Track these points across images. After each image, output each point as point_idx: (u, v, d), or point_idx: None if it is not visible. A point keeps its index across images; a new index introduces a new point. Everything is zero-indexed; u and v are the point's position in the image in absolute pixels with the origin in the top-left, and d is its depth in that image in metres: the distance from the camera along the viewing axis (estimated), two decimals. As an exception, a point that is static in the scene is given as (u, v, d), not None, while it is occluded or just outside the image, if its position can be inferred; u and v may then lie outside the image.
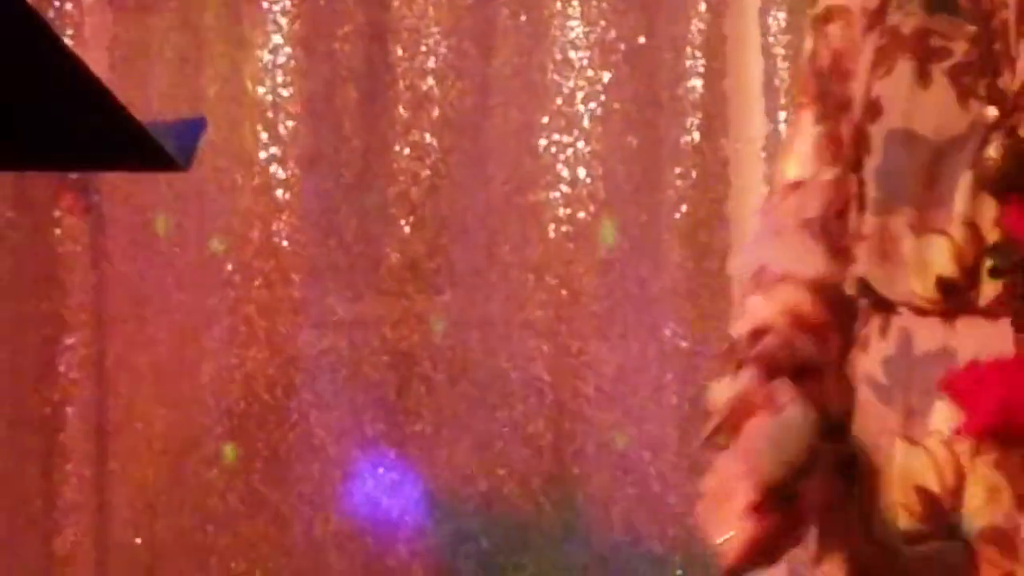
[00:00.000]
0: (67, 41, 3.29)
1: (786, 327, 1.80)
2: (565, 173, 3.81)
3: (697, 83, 3.88)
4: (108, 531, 3.76)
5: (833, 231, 1.85)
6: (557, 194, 3.83)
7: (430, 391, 3.75)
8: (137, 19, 3.80)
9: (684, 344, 3.83)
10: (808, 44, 1.96)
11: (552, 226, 3.85)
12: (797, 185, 1.89)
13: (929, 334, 1.75)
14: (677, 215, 3.83)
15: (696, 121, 3.88)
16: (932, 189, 1.73)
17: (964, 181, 1.71)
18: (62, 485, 3.75)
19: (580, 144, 3.81)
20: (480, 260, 3.83)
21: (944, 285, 1.73)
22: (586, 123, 3.83)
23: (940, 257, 1.73)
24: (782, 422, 1.64)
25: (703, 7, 3.88)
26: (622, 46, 3.84)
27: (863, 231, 1.78)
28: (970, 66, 1.81)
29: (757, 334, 1.79)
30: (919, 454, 1.83)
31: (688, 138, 3.86)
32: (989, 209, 1.73)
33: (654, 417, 3.74)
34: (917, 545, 1.82)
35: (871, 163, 1.78)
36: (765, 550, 1.61)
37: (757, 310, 1.83)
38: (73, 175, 3.56)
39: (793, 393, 1.66)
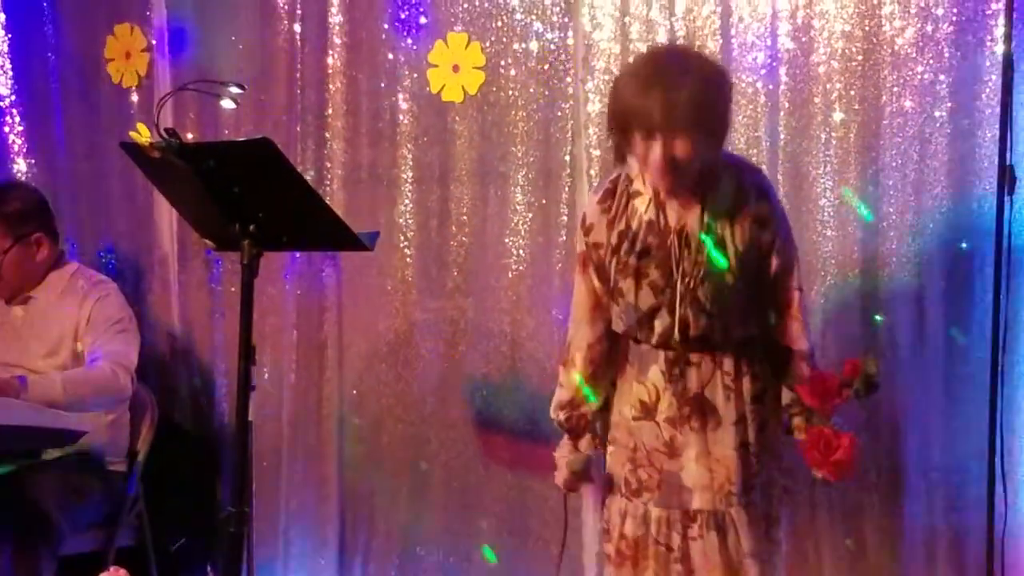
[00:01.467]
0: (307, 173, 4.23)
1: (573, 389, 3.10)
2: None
3: None
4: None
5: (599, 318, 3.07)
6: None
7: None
8: (367, 154, 4.38)
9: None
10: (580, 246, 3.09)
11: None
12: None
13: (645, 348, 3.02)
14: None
15: None
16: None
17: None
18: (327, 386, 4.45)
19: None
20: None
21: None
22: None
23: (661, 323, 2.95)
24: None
25: None
26: None
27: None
28: (655, 283, 2.94)
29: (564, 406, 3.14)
30: (642, 388, 3.04)
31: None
32: None
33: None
34: (639, 421, 3.06)
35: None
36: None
37: (562, 378, 3.14)
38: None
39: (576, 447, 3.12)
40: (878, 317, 3.73)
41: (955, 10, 3.58)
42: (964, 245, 3.61)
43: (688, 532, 3.02)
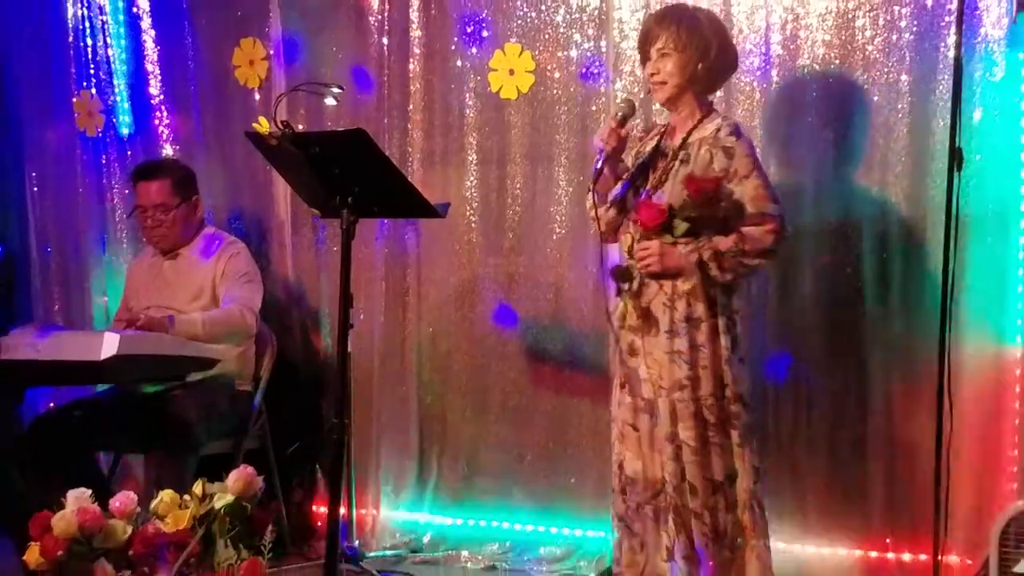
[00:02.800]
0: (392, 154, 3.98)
1: None
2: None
3: None
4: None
5: None
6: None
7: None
8: (440, 142, 4.34)
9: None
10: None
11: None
12: None
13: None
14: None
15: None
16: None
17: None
18: (408, 326, 4.42)
19: None
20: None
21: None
22: None
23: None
24: None
25: None
26: None
27: None
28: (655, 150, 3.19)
29: None
30: (620, 303, 3.21)
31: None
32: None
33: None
34: (621, 329, 3.22)
35: None
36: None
37: None
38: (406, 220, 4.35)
39: None
40: (848, 270, 3.72)
41: (915, 23, 3.59)
42: (921, 212, 3.60)
43: (643, 415, 3.14)
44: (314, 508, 4.54)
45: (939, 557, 3.02)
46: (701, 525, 3.09)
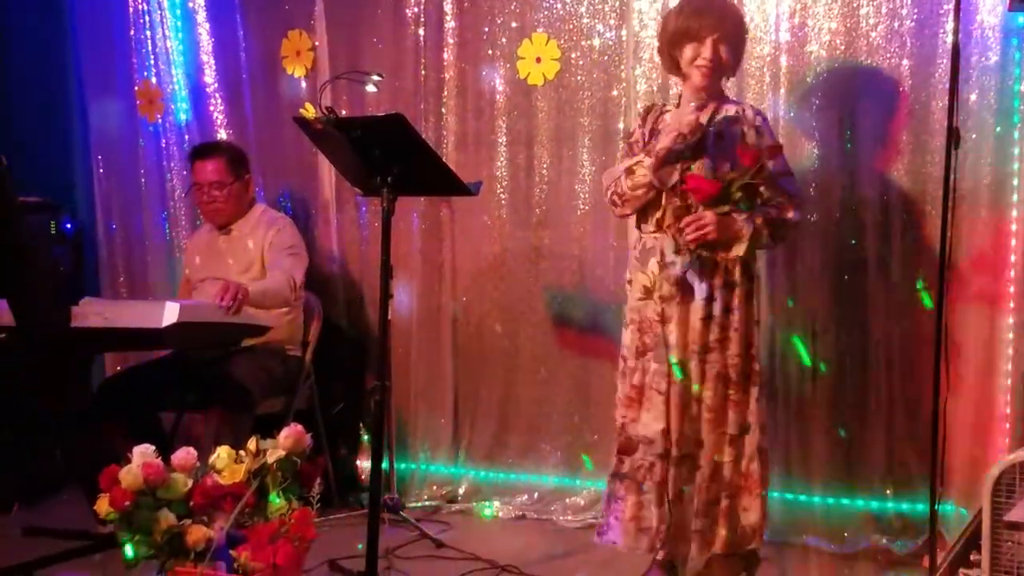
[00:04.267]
0: (429, 137, 4.16)
1: None
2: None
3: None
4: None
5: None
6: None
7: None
8: (473, 125, 4.31)
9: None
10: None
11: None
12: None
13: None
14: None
15: None
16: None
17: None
18: (443, 295, 4.42)
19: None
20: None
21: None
22: None
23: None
24: None
25: None
26: None
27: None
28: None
29: None
30: (644, 275, 3.16)
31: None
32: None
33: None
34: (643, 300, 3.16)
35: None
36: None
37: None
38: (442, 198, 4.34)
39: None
40: (853, 241, 3.71)
41: (916, 11, 3.57)
42: (920, 187, 3.59)
43: (671, 380, 3.10)
44: (358, 463, 4.56)
45: (935, 507, 3.00)
46: (705, 475, 3.12)
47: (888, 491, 3.69)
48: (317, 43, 4.56)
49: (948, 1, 3.41)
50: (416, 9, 4.37)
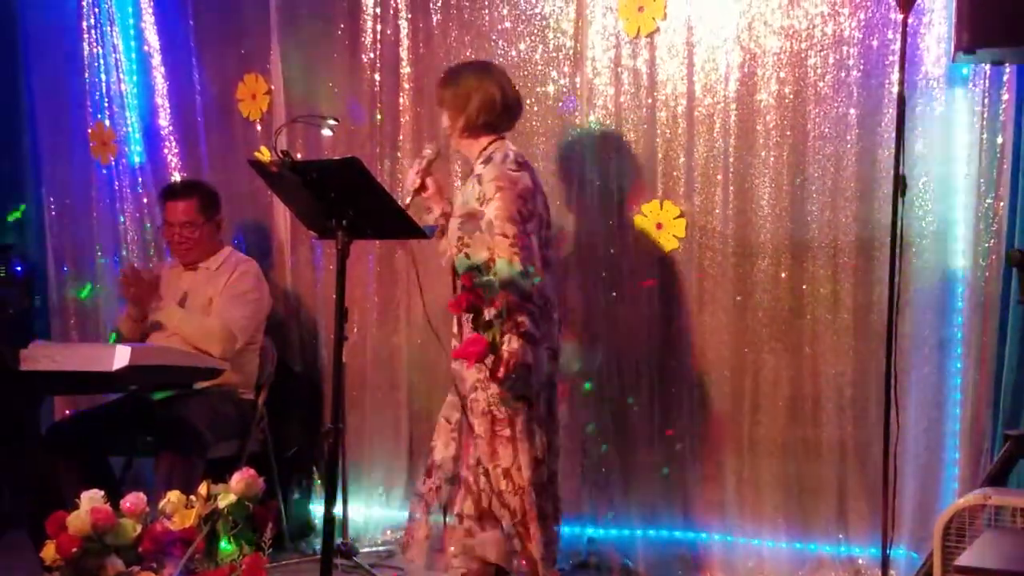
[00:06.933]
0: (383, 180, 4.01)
1: None
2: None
3: None
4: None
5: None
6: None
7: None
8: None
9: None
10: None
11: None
12: None
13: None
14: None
15: None
16: None
17: None
18: (398, 337, 4.42)
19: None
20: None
21: None
22: None
23: None
24: None
25: None
26: None
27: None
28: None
29: None
30: None
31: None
32: None
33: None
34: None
35: None
36: None
37: None
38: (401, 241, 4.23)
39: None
40: (804, 286, 3.73)
41: (862, 61, 3.61)
42: (868, 232, 3.62)
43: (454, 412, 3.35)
44: (311, 507, 4.51)
45: (887, 551, 2.99)
46: (472, 503, 3.25)
47: (840, 535, 3.68)
48: (273, 86, 4.56)
49: (893, 53, 3.47)
50: (372, 54, 4.37)
